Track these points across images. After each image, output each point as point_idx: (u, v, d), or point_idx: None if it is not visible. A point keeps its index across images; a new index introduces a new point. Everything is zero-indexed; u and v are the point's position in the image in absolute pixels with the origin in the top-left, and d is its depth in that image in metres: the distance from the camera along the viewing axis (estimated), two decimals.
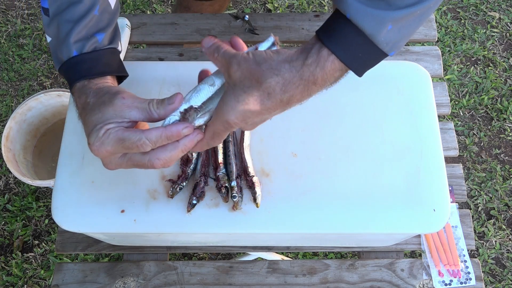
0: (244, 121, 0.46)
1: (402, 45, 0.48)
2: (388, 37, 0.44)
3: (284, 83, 0.45)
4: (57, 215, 0.62)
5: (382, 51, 0.46)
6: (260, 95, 0.45)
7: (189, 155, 0.65)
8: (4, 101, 1.64)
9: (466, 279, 0.79)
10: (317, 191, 0.63)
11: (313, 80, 0.45)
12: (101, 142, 0.47)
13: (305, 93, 0.46)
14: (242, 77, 0.46)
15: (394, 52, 0.47)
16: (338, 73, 0.46)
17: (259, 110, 0.46)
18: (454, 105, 1.65)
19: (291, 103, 0.46)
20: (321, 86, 0.46)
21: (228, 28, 0.98)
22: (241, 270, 0.79)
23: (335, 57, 0.45)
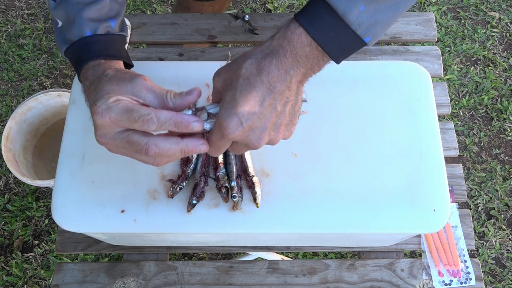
0: (240, 124, 0.45)
1: (379, 33, 0.47)
2: (360, 18, 0.44)
3: (257, 63, 0.45)
4: (57, 215, 0.62)
5: (355, 34, 0.45)
6: (241, 85, 0.45)
7: (189, 155, 0.65)
8: (4, 101, 1.64)
9: (466, 279, 0.79)
10: (317, 191, 0.63)
11: (283, 52, 0.45)
12: (108, 107, 0.45)
13: (281, 70, 0.45)
14: (224, 80, 0.47)
15: (369, 38, 0.46)
16: (308, 49, 0.45)
17: (247, 103, 0.44)
18: (454, 105, 1.65)
19: (274, 84, 0.45)
20: (295, 62, 0.45)
21: (228, 28, 0.98)
22: (241, 270, 0.79)
23: (302, 30, 0.45)
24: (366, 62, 0.73)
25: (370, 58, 0.94)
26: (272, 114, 0.46)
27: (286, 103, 0.47)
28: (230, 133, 0.45)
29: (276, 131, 0.48)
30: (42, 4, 1.84)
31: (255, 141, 0.47)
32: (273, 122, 0.47)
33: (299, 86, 0.48)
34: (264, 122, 0.46)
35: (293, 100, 0.48)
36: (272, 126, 0.47)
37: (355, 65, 0.72)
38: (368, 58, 0.94)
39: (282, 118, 0.47)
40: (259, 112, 0.45)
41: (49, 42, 1.75)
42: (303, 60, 0.46)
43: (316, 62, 0.47)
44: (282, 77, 0.45)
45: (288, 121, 0.48)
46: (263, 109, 0.45)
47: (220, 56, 0.94)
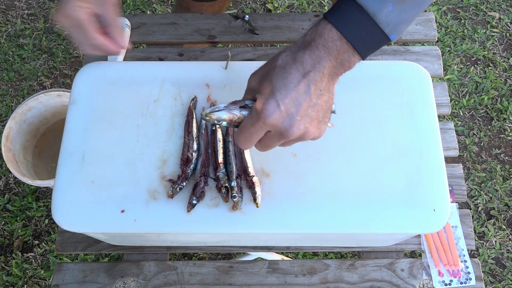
0: (277, 106, 0.46)
1: (402, 30, 0.50)
2: (389, 17, 0.47)
3: (292, 54, 0.48)
4: (57, 215, 0.62)
5: (383, 33, 0.48)
6: (277, 73, 0.48)
7: (189, 155, 0.65)
8: (4, 101, 1.64)
9: (466, 279, 0.79)
10: (317, 191, 0.63)
11: (315, 45, 0.48)
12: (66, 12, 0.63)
13: (314, 60, 0.47)
14: (261, 76, 0.50)
15: (395, 36, 0.49)
16: (338, 43, 0.48)
17: (284, 88, 0.47)
18: (454, 105, 1.65)
19: (308, 72, 0.47)
20: (326, 54, 0.48)
21: (228, 28, 0.98)
22: (241, 270, 0.79)
23: (332, 26, 0.48)
24: (366, 62, 0.73)
25: (370, 58, 0.94)
26: (307, 101, 0.48)
27: (319, 95, 0.49)
28: (268, 115, 0.47)
29: (310, 122, 0.49)
30: (42, 4, 1.84)
31: (290, 127, 0.48)
32: (306, 110, 0.48)
33: (330, 81, 0.50)
34: (299, 108, 0.47)
35: (326, 95, 0.50)
36: (305, 115, 0.48)
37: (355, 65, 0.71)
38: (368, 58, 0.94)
39: (316, 110, 0.49)
40: (295, 97, 0.47)
41: (49, 42, 1.75)
42: (334, 53, 0.48)
43: (346, 58, 0.49)
44: (315, 66, 0.48)
45: (321, 117, 0.50)
46: (299, 94, 0.47)
47: (220, 56, 0.94)
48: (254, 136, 0.50)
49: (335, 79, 0.51)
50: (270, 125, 0.48)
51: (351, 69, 0.51)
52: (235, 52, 0.95)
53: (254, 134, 0.50)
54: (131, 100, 0.69)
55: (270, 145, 0.52)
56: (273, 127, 0.48)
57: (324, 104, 0.50)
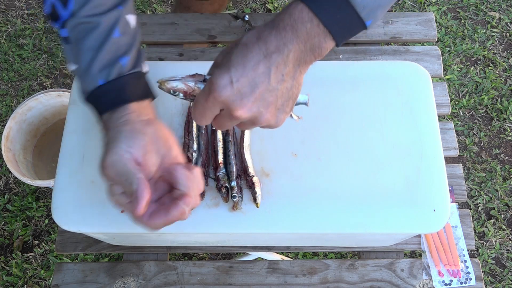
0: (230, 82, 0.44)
1: (378, 17, 0.47)
2: (365, 0, 0.44)
3: (258, 33, 0.45)
4: (57, 215, 0.62)
5: (359, 17, 0.44)
6: (238, 50, 0.45)
7: (189, 155, 0.65)
8: (4, 101, 1.64)
9: (466, 279, 0.79)
10: (317, 191, 0.63)
11: (283, 26, 0.44)
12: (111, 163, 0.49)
13: (279, 41, 0.44)
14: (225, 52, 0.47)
15: (371, 21, 0.46)
16: (308, 25, 0.44)
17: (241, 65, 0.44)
18: (454, 105, 1.65)
19: (270, 53, 0.44)
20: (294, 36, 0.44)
21: (228, 28, 0.98)
22: (241, 270, 0.79)
23: (304, 5, 0.44)
24: (366, 62, 0.73)
25: (370, 58, 0.94)
26: (264, 83, 0.45)
27: (281, 81, 0.45)
28: (218, 90, 0.44)
29: (265, 107, 0.46)
30: (42, 4, 1.84)
31: (240, 107, 0.45)
32: (263, 94, 0.45)
33: (297, 68, 0.46)
34: (254, 89, 0.45)
35: (289, 83, 0.46)
36: (261, 98, 0.45)
37: (355, 65, 0.72)
38: (368, 58, 0.94)
39: (274, 95, 0.46)
40: (251, 77, 0.44)
41: (49, 42, 1.75)
42: (303, 36, 0.44)
43: (316, 43, 0.45)
44: (279, 48, 0.44)
45: (279, 104, 0.47)
46: (256, 75, 0.44)
47: None
48: (207, 111, 0.47)
49: (303, 66, 0.47)
50: (221, 101, 0.45)
51: (322, 56, 0.47)
52: None
53: (207, 109, 0.47)
54: None
55: (223, 124, 0.48)
56: (223, 104, 0.45)
57: (286, 92, 0.46)
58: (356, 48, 0.95)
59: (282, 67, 0.45)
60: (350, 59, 0.93)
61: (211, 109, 0.47)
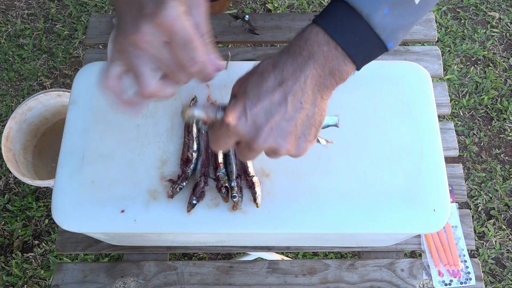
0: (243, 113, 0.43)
1: (400, 38, 0.45)
2: (384, 21, 0.42)
3: (273, 61, 0.44)
4: (57, 215, 0.62)
5: (379, 39, 0.43)
6: (253, 79, 0.44)
7: (189, 155, 0.65)
8: (4, 101, 1.64)
9: (466, 279, 0.79)
10: (317, 191, 0.63)
11: (299, 51, 0.43)
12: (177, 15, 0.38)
13: (296, 68, 0.43)
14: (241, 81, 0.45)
15: (392, 44, 0.45)
16: (325, 48, 0.42)
17: (255, 95, 0.43)
18: (454, 105, 1.65)
19: (286, 81, 0.43)
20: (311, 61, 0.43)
21: (228, 28, 0.98)
22: (241, 270, 0.79)
23: (319, 29, 0.43)
24: None
25: None
26: (280, 113, 0.43)
27: (299, 109, 0.44)
28: (232, 122, 0.43)
29: (283, 137, 0.44)
30: (42, 4, 1.84)
31: (255, 138, 0.43)
32: (279, 123, 0.44)
33: (317, 94, 0.44)
34: (269, 119, 0.43)
35: (310, 110, 0.45)
36: (277, 127, 0.44)
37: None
38: None
39: (293, 124, 0.44)
40: (266, 107, 0.43)
41: (49, 42, 1.75)
42: (320, 60, 0.43)
43: (336, 66, 0.43)
44: (296, 75, 0.43)
45: (300, 133, 0.45)
46: (271, 104, 0.43)
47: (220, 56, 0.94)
48: (221, 140, 0.46)
49: (324, 92, 0.45)
50: (235, 133, 0.44)
51: (344, 80, 0.45)
52: (235, 52, 0.95)
53: (221, 139, 0.46)
54: None
55: (246, 155, 0.47)
56: (239, 136, 0.44)
57: (306, 119, 0.45)
58: None
59: (300, 95, 0.43)
60: None
61: (226, 140, 0.46)
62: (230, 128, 0.44)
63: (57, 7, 1.83)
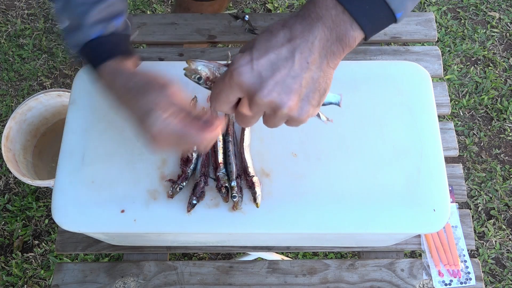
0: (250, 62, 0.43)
1: (409, 7, 0.45)
2: None
3: (283, 21, 0.44)
4: (57, 215, 0.62)
5: (388, 7, 0.43)
6: (262, 34, 0.44)
7: (189, 155, 0.65)
8: (4, 101, 1.64)
9: (466, 279, 0.79)
10: (317, 191, 0.63)
11: (308, 13, 0.43)
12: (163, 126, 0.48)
13: (305, 27, 0.43)
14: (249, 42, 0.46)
15: (401, 14, 0.44)
16: (333, 11, 0.42)
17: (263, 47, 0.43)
18: (454, 105, 1.65)
19: (295, 38, 0.43)
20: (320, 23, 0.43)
21: (228, 28, 0.98)
22: (241, 270, 0.79)
23: None
24: (366, 62, 0.73)
25: (370, 58, 0.94)
26: (286, 68, 0.43)
27: (305, 68, 0.43)
28: (237, 71, 0.43)
29: (286, 93, 0.43)
30: (42, 4, 1.84)
31: (259, 89, 0.43)
32: (284, 78, 0.43)
33: (324, 59, 0.44)
34: (275, 72, 0.43)
35: (316, 72, 0.44)
36: (282, 82, 0.43)
37: (355, 65, 0.72)
38: (368, 58, 0.94)
39: (298, 83, 0.43)
40: (273, 60, 0.43)
41: (49, 42, 1.75)
42: (329, 23, 0.42)
43: (343, 31, 0.43)
44: (304, 34, 0.43)
45: (304, 94, 0.44)
46: (278, 58, 0.43)
47: (220, 56, 0.94)
48: (223, 94, 0.45)
49: (331, 58, 0.44)
50: (239, 83, 0.43)
51: (351, 48, 0.44)
52: (235, 52, 0.95)
53: (223, 92, 0.45)
54: None
55: (244, 115, 0.46)
56: (241, 87, 0.44)
57: (311, 82, 0.44)
58: (356, 48, 0.95)
59: (307, 53, 0.43)
60: (350, 59, 0.93)
61: (228, 93, 0.45)
62: (234, 77, 0.43)
63: None
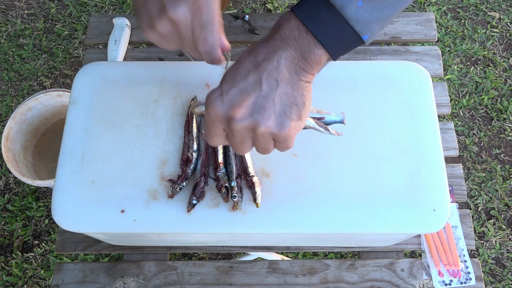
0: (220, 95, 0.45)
1: (376, 31, 0.47)
2: (358, 13, 0.44)
3: (250, 48, 0.47)
4: (57, 215, 0.62)
5: (353, 30, 0.45)
6: (231, 68, 0.47)
7: (189, 155, 0.65)
8: (4, 101, 1.64)
9: (466, 279, 0.79)
10: (317, 191, 0.63)
11: (272, 36, 0.45)
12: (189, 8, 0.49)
13: (269, 49, 0.45)
14: None
15: (368, 36, 0.46)
16: (296, 32, 0.44)
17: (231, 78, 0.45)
18: (454, 105, 1.65)
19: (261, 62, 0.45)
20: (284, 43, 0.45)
21: (228, 28, 0.98)
22: (241, 270, 0.79)
23: (292, 15, 0.45)
24: (366, 62, 0.73)
25: (370, 58, 0.94)
26: (256, 91, 0.45)
27: (275, 86, 0.45)
28: (210, 106, 0.45)
29: (260, 113, 0.45)
30: (42, 4, 1.84)
31: (232, 116, 0.45)
32: (256, 101, 0.45)
33: (294, 75, 0.45)
34: (245, 97, 0.45)
35: (287, 88, 0.45)
36: (254, 104, 0.45)
37: (355, 65, 0.72)
38: (368, 58, 0.94)
39: (269, 100, 0.45)
40: (241, 87, 0.45)
41: (49, 42, 1.75)
42: (293, 43, 0.45)
43: (307, 49, 0.45)
44: (269, 56, 0.45)
45: (279, 110, 0.45)
46: (246, 84, 0.45)
47: None
48: (210, 130, 0.48)
49: (302, 74, 0.46)
50: (215, 116, 0.45)
51: (319, 65, 0.46)
52: (235, 52, 0.95)
53: (209, 128, 0.47)
54: (131, 100, 0.69)
55: (236, 143, 0.48)
56: (219, 119, 0.46)
57: (285, 97, 0.45)
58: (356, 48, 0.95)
59: (275, 73, 0.45)
60: (350, 59, 0.93)
61: (213, 128, 0.47)
62: (210, 113, 0.46)
63: (57, 7, 1.83)
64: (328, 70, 0.71)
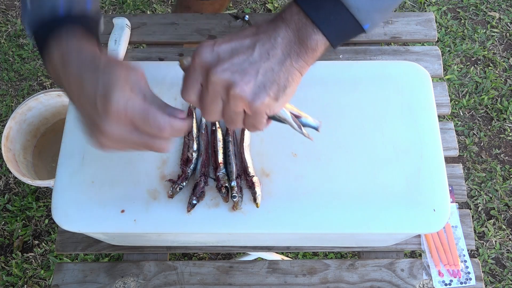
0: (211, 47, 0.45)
1: (377, 21, 0.47)
2: (359, 2, 0.44)
3: (255, 24, 0.48)
4: (57, 215, 0.62)
5: (354, 19, 0.45)
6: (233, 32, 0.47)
7: (189, 155, 0.65)
8: (4, 101, 1.64)
9: (466, 279, 0.79)
10: (317, 191, 0.63)
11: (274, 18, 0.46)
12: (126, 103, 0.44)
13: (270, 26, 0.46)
14: None
15: (368, 26, 0.46)
16: (296, 17, 0.45)
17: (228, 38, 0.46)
18: (454, 105, 1.65)
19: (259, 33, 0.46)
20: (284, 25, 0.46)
21: (228, 28, 0.98)
22: (241, 270, 0.79)
23: (294, 3, 0.45)
24: (366, 62, 0.73)
25: (370, 58, 0.94)
26: (246, 54, 0.45)
27: (265, 58, 0.45)
28: (198, 53, 0.45)
29: (241, 75, 0.44)
30: None
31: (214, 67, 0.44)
32: (242, 63, 0.45)
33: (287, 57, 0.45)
34: (233, 56, 0.45)
35: (276, 65, 0.45)
36: (238, 65, 0.45)
37: (355, 65, 0.72)
38: (368, 58, 0.94)
39: (254, 69, 0.45)
40: (234, 45, 0.45)
41: None
42: (292, 26, 0.45)
43: (305, 34, 0.45)
44: (269, 32, 0.46)
45: (260, 81, 0.45)
46: (240, 45, 0.45)
47: None
48: (189, 80, 0.46)
49: (294, 57, 0.46)
50: (198, 61, 0.45)
51: (315, 51, 0.46)
52: None
53: (189, 78, 0.46)
54: None
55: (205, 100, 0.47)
56: (201, 65, 0.45)
57: (270, 72, 0.45)
58: (356, 48, 0.95)
59: (269, 46, 0.45)
60: (350, 59, 0.93)
61: (192, 77, 0.46)
62: (195, 58, 0.45)
63: None
64: (328, 70, 0.71)
